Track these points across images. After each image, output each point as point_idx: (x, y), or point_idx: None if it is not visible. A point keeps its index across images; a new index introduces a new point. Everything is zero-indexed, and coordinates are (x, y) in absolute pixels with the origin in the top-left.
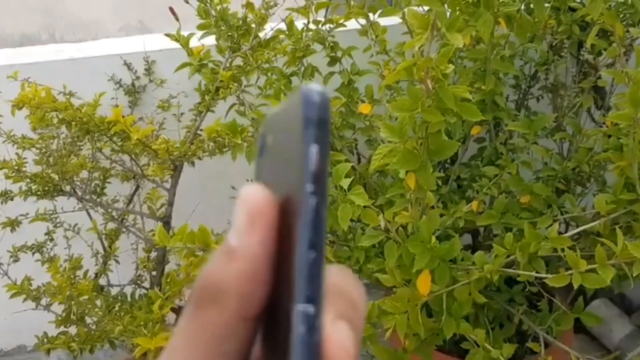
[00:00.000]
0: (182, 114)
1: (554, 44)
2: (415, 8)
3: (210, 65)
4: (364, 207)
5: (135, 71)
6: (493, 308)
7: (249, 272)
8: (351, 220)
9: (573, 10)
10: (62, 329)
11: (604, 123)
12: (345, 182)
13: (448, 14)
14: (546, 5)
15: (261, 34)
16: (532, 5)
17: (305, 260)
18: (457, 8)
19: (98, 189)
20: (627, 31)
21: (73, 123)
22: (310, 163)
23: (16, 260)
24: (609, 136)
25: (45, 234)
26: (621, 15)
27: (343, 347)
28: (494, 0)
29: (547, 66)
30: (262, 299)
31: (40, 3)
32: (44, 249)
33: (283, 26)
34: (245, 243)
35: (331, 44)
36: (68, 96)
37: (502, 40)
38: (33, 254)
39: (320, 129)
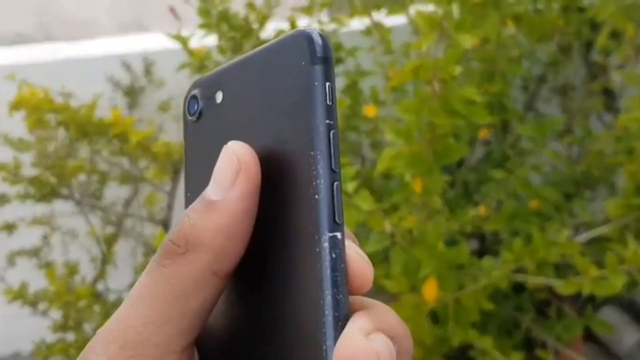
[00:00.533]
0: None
1: (562, 44)
2: (422, 8)
3: (211, 65)
4: (369, 211)
5: (134, 72)
6: (500, 315)
7: (227, 227)
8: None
9: (582, 10)
10: (59, 335)
11: (614, 126)
12: (350, 186)
13: (456, 14)
14: (555, 5)
15: (264, 34)
16: (538, 6)
17: (329, 189)
18: (465, 8)
19: (96, 192)
20: (638, 32)
21: (71, 125)
22: (327, 98)
23: (12, 264)
24: (620, 139)
25: (43, 237)
26: (632, 16)
27: (361, 255)
28: (502, 0)
29: (556, 67)
30: (238, 256)
31: (36, 2)
32: (41, 254)
33: (286, 26)
34: (226, 197)
35: (335, 45)
36: (66, 97)
37: (509, 41)
38: (30, 258)
39: (331, 67)
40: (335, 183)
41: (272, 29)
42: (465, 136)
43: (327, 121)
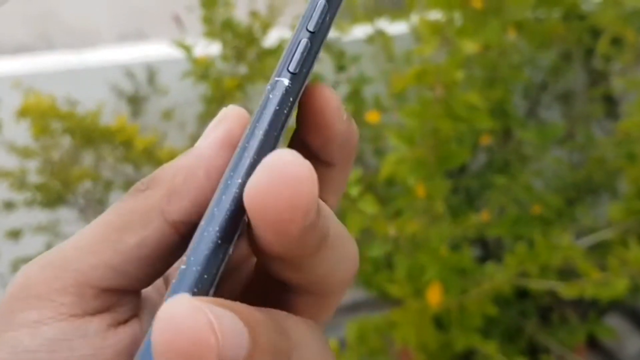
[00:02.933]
0: (185, 123)
1: (563, 51)
2: (424, 15)
3: (215, 73)
4: (373, 215)
5: (138, 81)
6: (504, 321)
7: (187, 168)
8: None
9: (582, 17)
10: None
11: (615, 131)
12: (354, 191)
13: (458, 21)
14: (555, 13)
15: (267, 42)
16: (539, 13)
17: (299, 41)
18: (467, 14)
19: (101, 199)
20: (638, 39)
21: (76, 132)
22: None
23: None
24: (621, 144)
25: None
26: (632, 23)
27: None
28: (503, 7)
29: (557, 74)
30: (193, 205)
31: (36, 11)
32: None
33: (289, 34)
34: (199, 143)
35: (338, 52)
36: (71, 105)
37: (511, 48)
38: None
39: None
40: (306, 41)
41: (276, 37)
42: (468, 142)
43: (309, 28)
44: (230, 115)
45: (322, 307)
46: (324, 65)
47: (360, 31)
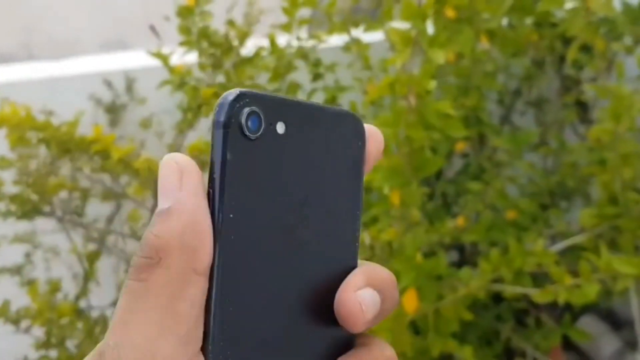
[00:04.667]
0: (163, 132)
1: (536, 59)
2: (397, 25)
3: (192, 82)
4: None
5: (116, 90)
6: (480, 325)
7: (191, 225)
8: None
9: (554, 25)
10: (41, 352)
11: (587, 137)
12: None
13: (430, 30)
14: (528, 21)
15: (243, 51)
16: (512, 21)
17: (359, 229)
18: (439, 24)
19: (78, 209)
20: (608, 46)
21: (53, 142)
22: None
23: None
24: (593, 150)
25: (26, 255)
26: (602, 31)
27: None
28: (476, 16)
29: (530, 81)
30: (209, 250)
31: (18, 21)
32: (23, 271)
33: (266, 43)
34: (178, 199)
35: (314, 61)
36: (47, 115)
37: (484, 56)
38: (13, 276)
39: None
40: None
41: (252, 45)
42: (443, 149)
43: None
44: (187, 165)
45: None
46: (300, 73)
47: (337, 40)
